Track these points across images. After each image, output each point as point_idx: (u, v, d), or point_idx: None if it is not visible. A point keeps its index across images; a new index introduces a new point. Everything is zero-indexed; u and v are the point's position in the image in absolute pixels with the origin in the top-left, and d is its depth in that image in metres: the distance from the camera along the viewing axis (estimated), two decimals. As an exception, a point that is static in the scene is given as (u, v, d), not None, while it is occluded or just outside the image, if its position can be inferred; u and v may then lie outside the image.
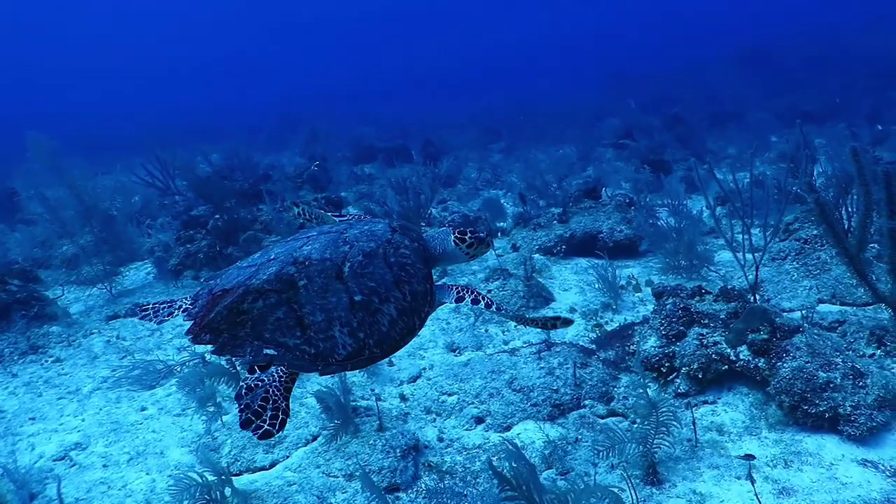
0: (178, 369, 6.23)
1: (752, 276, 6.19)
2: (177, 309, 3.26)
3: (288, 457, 4.80)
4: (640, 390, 4.25)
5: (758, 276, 6.19)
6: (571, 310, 7.12)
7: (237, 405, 2.63)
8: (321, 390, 5.06)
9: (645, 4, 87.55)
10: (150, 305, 3.42)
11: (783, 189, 6.83)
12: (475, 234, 3.54)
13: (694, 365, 4.96)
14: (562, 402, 5.05)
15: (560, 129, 22.40)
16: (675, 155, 15.73)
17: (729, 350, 4.93)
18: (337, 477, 4.45)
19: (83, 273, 9.47)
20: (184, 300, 3.27)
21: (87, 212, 10.20)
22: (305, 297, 2.79)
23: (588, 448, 4.51)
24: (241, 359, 3.07)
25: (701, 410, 4.79)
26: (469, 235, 3.52)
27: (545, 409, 5.00)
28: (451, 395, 5.44)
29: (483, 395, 5.27)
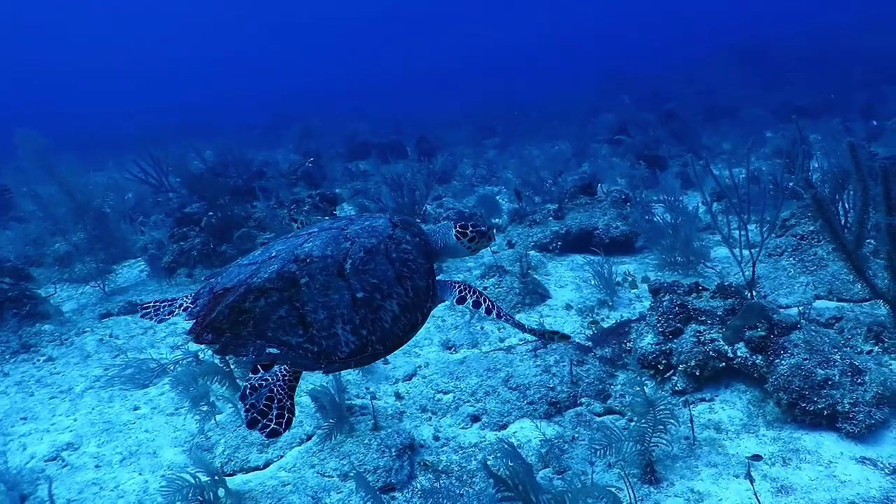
0: (172, 368, 6.17)
1: (749, 273, 6.16)
2: (177, 307, 3.26)
3: (282, 456, 4.75)
4: (637, 388, 4.21)
5: (755, 273, 6.16)
6: (567, 307, 7.09)
7: (242, 405, 2.63)
8: (315, 389, 5.00)
9: (640, 2, 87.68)
10: (150, 304, 3.41)
11: (779, 185, 6.81)
12: (477, 228, 3.54)
13: (691, 362, 4.93)
14: (558, 399, 5.02)
15: (555, 125, 22.40)
16: (670, 151, 15.77)
17: (726, 347, 4.90)
18: (332, 477, 4.41)
19: (76, 271, 9.39)
20: (185, 299, 3.25)
21: (79, 209, 10.12)
22: (307, 294, 2.78)
23: (585, 446, 4.47)
24: (244, 358, 3.06)
25: (698, 408, 4.76)
26: (471, 229, 3.52)
27: (541, 408, 4.96)
28: (446, 393, 5.40)
29: (479, 394, 5.23)
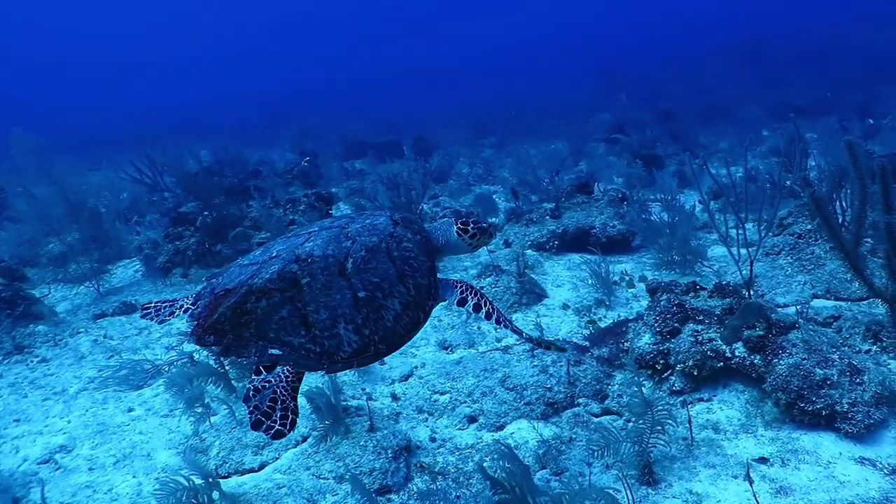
0: (166, 369, 6.11)
1: (747, 272, 6.13)
2: (178, 309, 3.24)
3: (277, 458, 4.71)
4: (635, 388, 4.18)
5: (752, 272, 6.14)
6: (564, 306, 7.06)
7: (246, 408, 2.61)
8: (311, 390, 4.95)
9: (637, 1, 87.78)
10: (151, 305, 3.40)
11: (777, 183, 6.78)
12: (478, 225, 3.52)
13: (689, 362, 4.90)
14: (555, 400, 4.98)
15: (552, 124, 22.38)
16: (666, 149, 15.75)
17: (724, 347, 4.87)
18: (327, 479, 4.37)
19: (70, 271, 9.34)
20: (185, 300, 3.23)
21: (73, 209, 10.07)
22: (309, 295, 2.77)
23: (582, 447, 4.44)
24: (247, 360, 3.05)
25: (696, 408, 4.73)
26: (472, 226, 3.50)
27: (539, 408, 4.92)
28: (443, 393, 5.36)
29: (476, 394, 5.20)
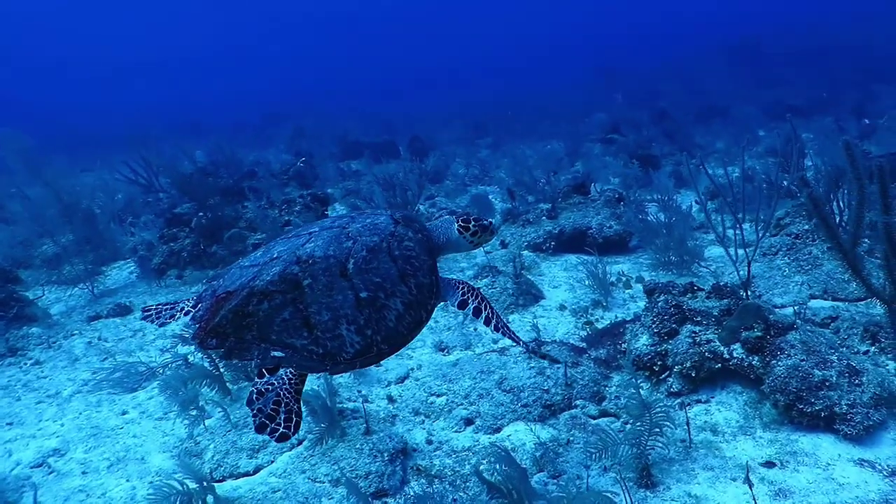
0: (161, 371, 6.07)
1: (744, 272, 6.11)
2: (179, 311, 3.23)
3: (272, 462, 4.67)
4: (633, 390, 4.15)
5: (750, 272, 6.12)
6: (561, 307, 7.03)
7: (250, 410, 2.61)
8: (307, 392, 4.90)
9: (633, 0, 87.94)
10: (152, 307, 3.38)
11: (774, 183, 6.76)
12: (479, 222, 3.52)
13: (687, 363, 4.87)
14: (553, 402, 4.95)
15: (548, 124, 22.37)
16: (662, 149, 15.75)
17: (722, 348, 4.84)
18: (323, 482, 4.33)
19: (64, 273, 9.28)
20: (186, 302, 3.22)
21: (67, 210, 10.01)
22: (311, 296, 2.76)
23: (580, 450, 4.41)
24: (249, 362, 3.02)
25: (694, 410, 4.71)
26: (473, 223, 3.50)
27: (536, 410, 4.89)
28: (439, 395, 5.33)
29: (472, 396, 5.16)
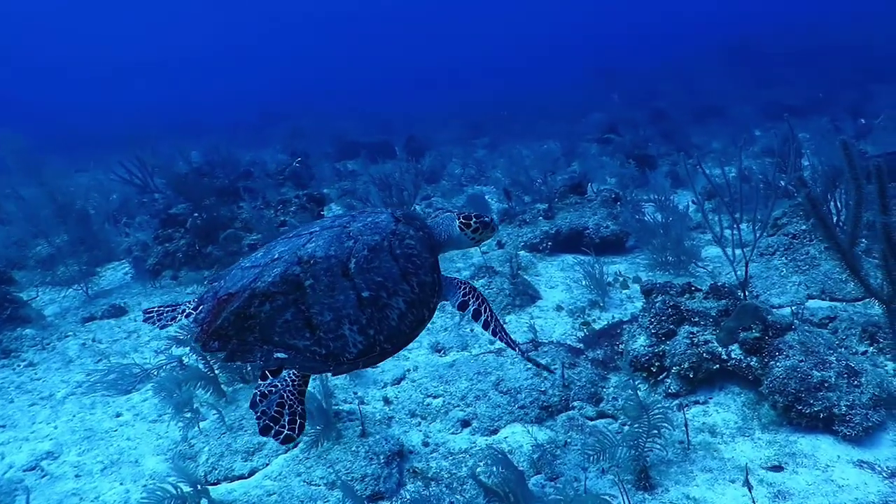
0: (155, 373, 6.03)
1: (741, 272, 6.09)
2: (180, 313, 3.21)
3: (267, 464, 4.63)
4: (630, 391, 4.12)
5: (748, 273, 6.10)
6: (558, 308, 7.00)
7: (254, 413, 2.61)
8: (302, 394, 4.88)
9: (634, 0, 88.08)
10: (153, 309, 3.36)
11: (771, 183, 6.75)
12: (480, 219, 3.50)
13: (684, 364, 4.84)
14: (550, 403, 4.92)
15: (544, 124, 22.36)
16: (659, 149, 15.75)
17: (720, 349, 4.82)
18: (318, 485, 4.29)
19: (59, 273, 9.22)
20: (187, 304, 3.21)
21: (61, 211, 9.95)
22: (312, 297, 2.74)
23: (577, 452, 4.38)
24: (252, 364, 3.01)
25: (692, 411, 4.68)
26: (474, 220, 3.48)
27: (533, 412, 4.86)
28: (436, 397, 5.30)
29: (469, 398, 5.13)
